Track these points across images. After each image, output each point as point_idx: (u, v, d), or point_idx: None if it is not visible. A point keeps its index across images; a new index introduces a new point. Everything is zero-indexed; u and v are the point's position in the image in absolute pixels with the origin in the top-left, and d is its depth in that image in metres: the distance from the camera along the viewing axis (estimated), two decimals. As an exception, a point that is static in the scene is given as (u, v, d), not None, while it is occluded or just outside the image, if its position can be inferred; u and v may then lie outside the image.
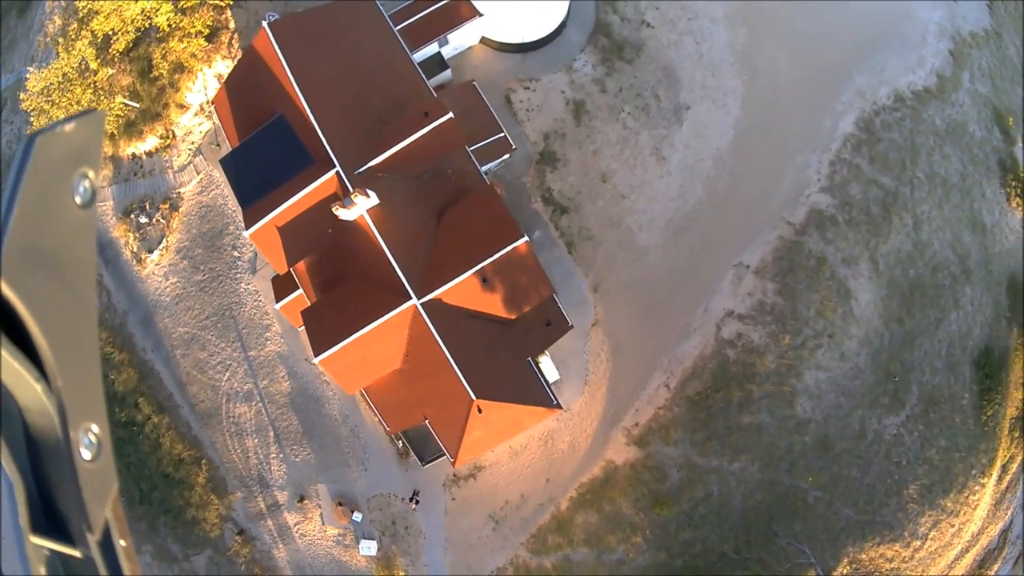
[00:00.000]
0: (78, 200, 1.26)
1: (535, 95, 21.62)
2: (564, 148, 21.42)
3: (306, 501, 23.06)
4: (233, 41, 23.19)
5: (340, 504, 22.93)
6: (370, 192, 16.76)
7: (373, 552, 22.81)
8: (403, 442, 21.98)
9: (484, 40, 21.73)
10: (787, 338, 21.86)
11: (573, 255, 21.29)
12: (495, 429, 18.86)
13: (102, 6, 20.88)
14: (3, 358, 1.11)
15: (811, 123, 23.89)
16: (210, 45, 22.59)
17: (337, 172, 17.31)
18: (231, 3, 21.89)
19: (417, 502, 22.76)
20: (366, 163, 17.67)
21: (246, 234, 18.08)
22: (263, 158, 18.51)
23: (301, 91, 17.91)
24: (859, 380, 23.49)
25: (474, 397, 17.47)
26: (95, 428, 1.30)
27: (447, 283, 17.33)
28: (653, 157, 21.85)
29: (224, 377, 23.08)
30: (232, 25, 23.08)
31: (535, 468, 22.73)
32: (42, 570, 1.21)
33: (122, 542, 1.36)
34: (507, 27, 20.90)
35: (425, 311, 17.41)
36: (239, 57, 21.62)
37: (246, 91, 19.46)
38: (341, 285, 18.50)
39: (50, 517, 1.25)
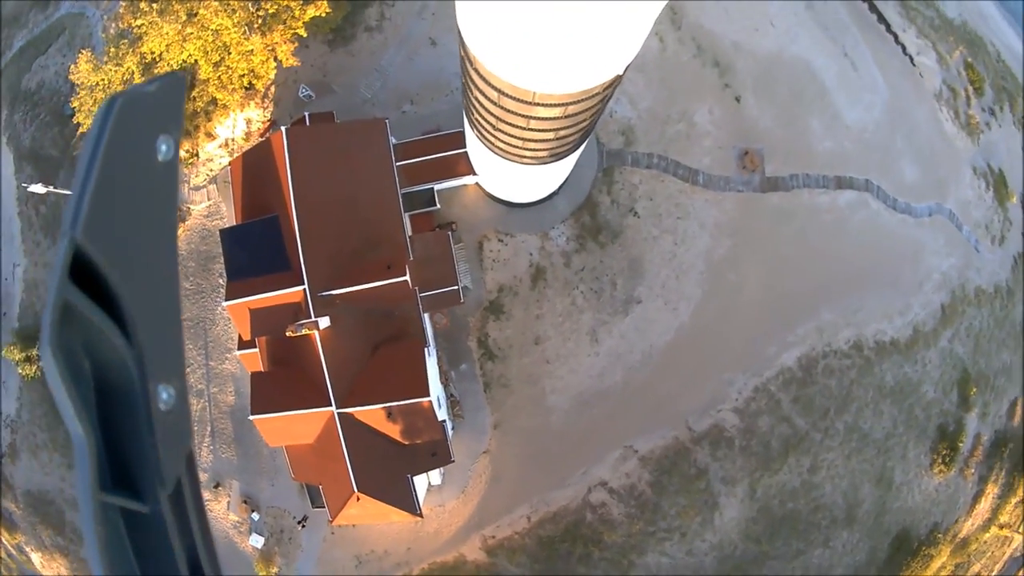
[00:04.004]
0: (159, 157, 1.41)
1: (506, 249, 27.28)
2: (512, 304, 27.39)
3: (220, 488, 32.05)
4: (269, 92, 29.08)
5: (245, 501, 31.88)
6: (321, 320, 23.67)
7: (259, 546, 32.01)
8: (304, 485, 30.40)
9: (478, 183, 27.19)
10: (640, 525, 28.56)
11: (487, 394, 27.94)
12: (367, 512, 26.81)
13: (150, 35, 26.72)
14: (83, 315, 1.25)
15: (753, 347, 28.90)
16: (246, 92, 28.62)
17: (304, 290, 24.20)
18: (272, 73, 27.54)
19: (304, 525, 31.61)
20: (330, 289, 24.41)
21: (224, 304, 25.39)
22: (253, 245, 25.25)
23: (295, 205, 24.31)
24: (700, 574, 30.41)
25: (356, 489, 25.25)
26: (174, 382, 1.46)
27: (361, 406, 24.53)
28: (588, 337, 27.66)
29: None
30: (271, 76, 28.88)
31: (403, 536, 30.98)
32: (107, 527, 1.36)
33: (193, 498, 1.52)
34: (498, 188, 26.32)
35: (339, 418, 24.75)
36: (260, 138, 27.67)
37: (256, 173, 25.76)
38: (287, 366, 25.97)
39: (119, 474, 1.40)
